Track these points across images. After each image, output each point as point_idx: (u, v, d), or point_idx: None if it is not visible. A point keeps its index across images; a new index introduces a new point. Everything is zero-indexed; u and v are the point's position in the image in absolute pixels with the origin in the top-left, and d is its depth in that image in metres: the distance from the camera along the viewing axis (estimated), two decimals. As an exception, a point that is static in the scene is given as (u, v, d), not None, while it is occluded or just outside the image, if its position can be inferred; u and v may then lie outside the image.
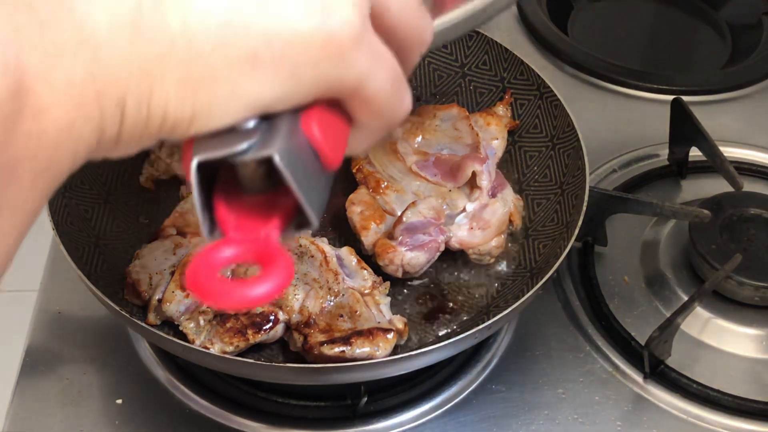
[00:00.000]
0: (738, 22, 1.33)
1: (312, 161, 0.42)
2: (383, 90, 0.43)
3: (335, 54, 0.40)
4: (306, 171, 0.42)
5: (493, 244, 0.89)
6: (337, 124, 0.44)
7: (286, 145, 0.40)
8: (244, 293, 0.40)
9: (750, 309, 0.92)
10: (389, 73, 0.43)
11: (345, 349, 0.76)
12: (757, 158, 1.10)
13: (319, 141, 0.42)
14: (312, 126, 0.42)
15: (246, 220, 0.43)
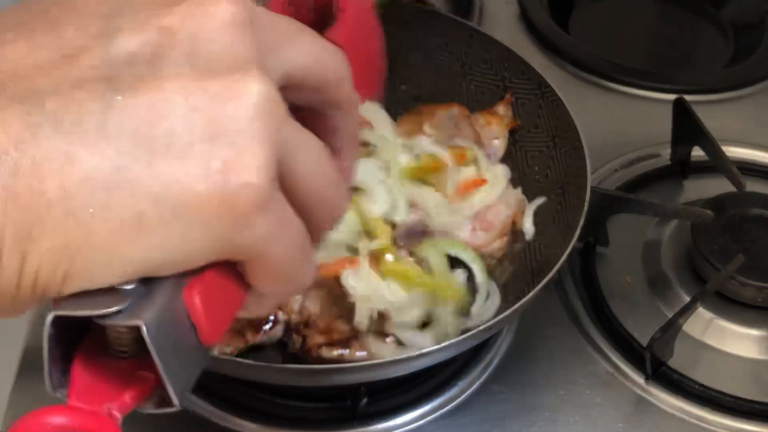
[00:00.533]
0: (741, 21, 1.33)
1: (187, 334, 0.39)
2: (285, 258, 0.39)
3: (234, 218, 0.36)
4: (177, 346, 0.38)
5: (496, 245, 0.89)
6: (226, 293, 0.40)
7: (159, 316, 0.36)
8: None
9: (753, 310, 0.92)
10: (293, 240, 0.39)
11: (344, 352, 0.76)
12: (760, 158, 1.09)
13: (199, 315, 0.38)
14: (194, 297, 0.38)
15: (98, 385, 0.39)
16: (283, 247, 0.39)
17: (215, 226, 0.36)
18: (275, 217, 0.38)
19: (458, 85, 1.03)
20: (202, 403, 0.83)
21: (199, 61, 0.37)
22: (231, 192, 0.36)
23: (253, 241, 0.38)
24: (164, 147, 0.35)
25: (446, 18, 1.03)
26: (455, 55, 1.03)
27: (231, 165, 0.36)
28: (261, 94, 0.37)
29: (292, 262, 0.40)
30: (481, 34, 1.01)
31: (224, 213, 0.36)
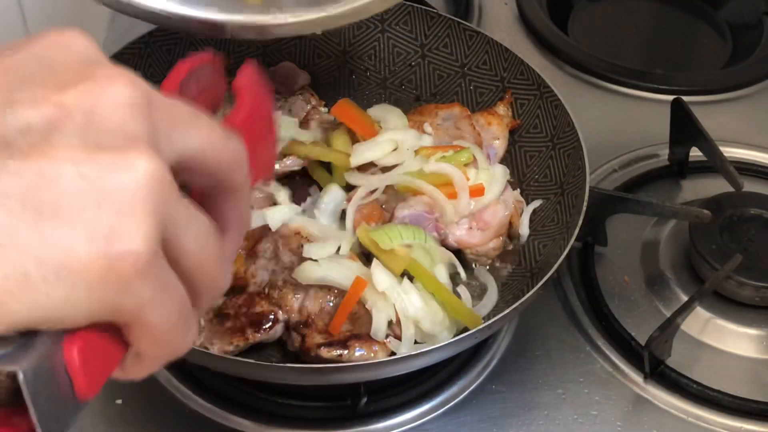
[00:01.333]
0: (738, 22, 1.33)
1: (64, 386, 0.40)
2: (165, 321, 0.41)
3: (115, 282, 0.38)
4: (53, 395, 0.39)
5: (491, 245, 0.89)
6: (106, 351, 0.42)
7: (38, 364, 0.38)
8: None
9: (750, 309, 0.92)
10: (172, 306, 0.41)
11: (342, 352, 0.76)
12: (757, 158, 1.10)
13: (77, 370, 0.40)
14: (73, 351, 0.40)
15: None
16: (162, 312, 0.41)
17: (97, 289, 0.38)
18: (156, 283, 0.40)
19: (458, 85, 1.04)
20: (203, 402, 0.83)
21: (92, 135, 0.39)
22: (114, 257, 0.38)
23: (133, 305, 0.40)
24: (52, 211, 0.37)
25: (446, 18, 1.04)
26: (455, 56, 1.03)
27: (115, 231, 0.38)
28: (147, 169, 0.39)
29: (171, 326, 0.42)
30: (480, 34, 1.02)
31: (107, 277, 0.38)
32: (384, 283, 0.79)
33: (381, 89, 1.06)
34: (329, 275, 0.80)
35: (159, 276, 0.40)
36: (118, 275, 0.38)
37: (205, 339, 0.78)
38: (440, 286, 0.81)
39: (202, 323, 0.80)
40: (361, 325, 0.80)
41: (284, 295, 0.81)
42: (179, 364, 0.85)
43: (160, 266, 0.40)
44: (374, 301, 0.79)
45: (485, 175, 0.90)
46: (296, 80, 1.03)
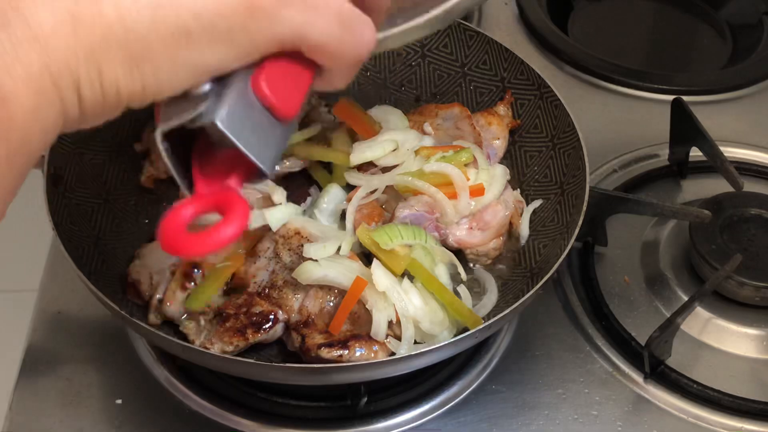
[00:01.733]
0: (738, 22, 1.33)
1: (264, 116, 0.47)
2: (329, 35, 0.46)
3: (262, 16, 0.44)
4: (255, 128, 0.46)
5: (492, 245, 0.89)
6: (294, 74, 0.48)
7: (232, 109, 0.45)
8: (212, 239, 0.45)
9: (750, 309, 0.92)
10: (330, 17, 0.46)
11: (343, 352, 0.76)
12: (757, 158, 1.10)
13: (269, 97, 0.46)
14: (261, 83, 0.46)
15: (215, 174, 0.48)
16: (322, 28, 0.46)
17: (251, 26, 0.44)
18: (303, 5, 0.45)
19: (458, 85, 1.04)
20: (203, 402, 0.83)
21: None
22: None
23: (290, 31, 0.45)
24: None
25: (445, 19, 1.03)
26: (455, 56, 1.03)
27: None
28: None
29: (337, 37, 0.46)
30: (480, 35, 1.02)
31: (252, 14, 0.43)
32: (384, 283, 0.79)
33: (381, 89, 1.06)
34: (329, 275, 0.80)
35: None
36: (262, 10, 0.44)
37: (205, 339, 0.78)
38: (440, 286, 0.81)
39: (202, 323, 0.80)
40: (361, 325, 0.80)
41: (284, 295, 0.81)
42: (179, 364, 0.85)
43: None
44: (374, 301, 0.79)
45: (485, 175, 0.90)
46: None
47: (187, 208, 0.47)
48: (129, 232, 0.90)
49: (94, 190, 0.90)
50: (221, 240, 0.46)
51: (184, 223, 0.47)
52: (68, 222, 0.84)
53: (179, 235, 0.46)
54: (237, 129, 0.45)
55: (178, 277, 0.82)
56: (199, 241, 0.46)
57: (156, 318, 0.82)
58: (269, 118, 0.47)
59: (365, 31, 0.48)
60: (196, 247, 0.46)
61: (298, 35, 0.45)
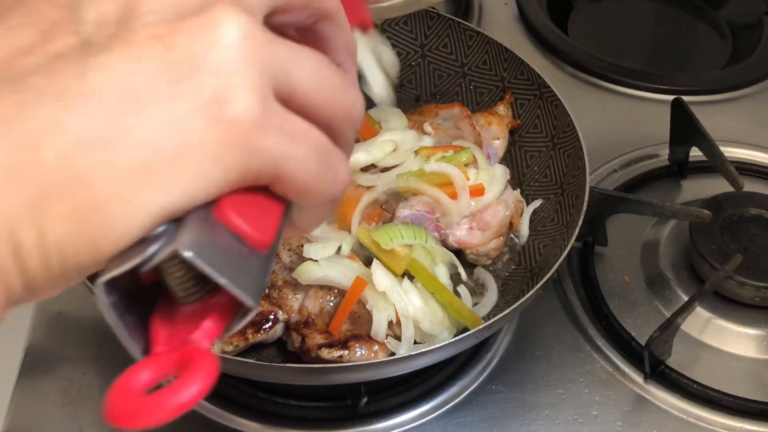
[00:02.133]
0: (738, 22, 1.33)
1: (235, 245, 0.39)
2: (305, 169, 0.39)
3: (238, 145, 0.36)
4: (228, 257, 0.38)
5: (492, 245, 0.89)
6: (262, 205, 0.40)
7: (196, 237, 0.37)
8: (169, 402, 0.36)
9: (750, 309, 0.92)
10: (309, 151, 0.39)
11: (343, 353, 0.76)
12: (757, 158, 1.10)
13: (236, 224, 0.39)
14: (225, 210, 0.38)
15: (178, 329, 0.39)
16: (299, 162, 0.39)
17: (223, 156, 0.36)
18: (280, 135, 0.38)
19: (458, 85, 1.04)
20: (203, 402, 0.83)
21: (168, 9, 0.37)
22: (227, 120, 0.36)
23: (264, 163, 0.38)
24: (149, 93, 0.36)
25: (446, 18, 1.04)
26: (455, 56, 1.03)
27: (220, 95, 0.36)
28: (234, 22, 0.37)
29: (313, 173, 0.40)
30: (480, 34, 1.02)
31: (228, 142, 0.36)
32: (384, 283, 0.79)
33: (381, 89, 1.06)
34: (329, 275, 0.80)
35: (281, 127, 0.38)
36: (238, 137, 0.36)
37: (205, 339, 0.78)
38: (440, 286, 0.81)
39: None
40: (362, 324, 0.80)
41: (284, 295, 0.81)
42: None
43: (278, 117, 0.38)
44: (374, 302, 0.79)
45: (485, 175, 0.90)
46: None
47: (143, 372, 0.38)
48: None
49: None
50: (181, 403, 0.36)
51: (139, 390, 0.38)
52: (68, 222, 0.83)
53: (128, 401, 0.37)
54: (206, 255, 0.37)
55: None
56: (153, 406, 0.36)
57: (156, 318, 0.82)
58: (241, 246, 0.39)
59: (341, 167, 0.41)
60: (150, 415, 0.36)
61: (275, 168, 0.38)
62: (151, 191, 0.36)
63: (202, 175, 0.36)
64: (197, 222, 0.37)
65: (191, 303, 0.40)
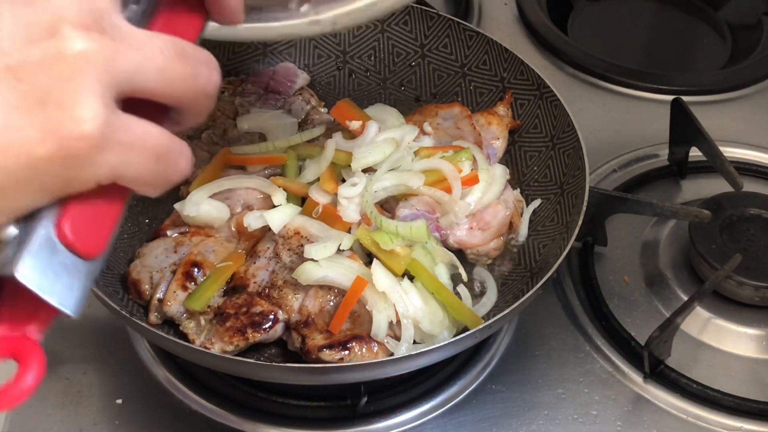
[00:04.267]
0: (738, 22, 1.33)
1: (68, 258, 0.46)
2: (146, 170, 0.45)
3: (77, 163, 0.42)
4: (59, 272, 0.45)
5: (492, 245, 0.89)
6: (101, 210, 0.47)
7: (33, 257, 0.44)
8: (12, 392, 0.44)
9: (750, 309, 0.92)
10: (148, 154, 0.45)
11: (343, 354, 0.76)
12: (757, 158, 1.10)
13: (72, 243, 0.45)
14: (64, 229, 0.45)
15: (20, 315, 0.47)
16: (138, 165, 0.45)
17: (66, 173, 0.43)
18: (119, 148, 0.44)
19: (458, 85, 1.04)
20: (203, 402, 0.83)
21: (20, 33, 0.42)
22: (69, 146, 0.42)
23: (106, 173, 0.44)
24: (2, 123, 0.41)
25: (446, 19, 1.04)
26: (455, 56, 1.03)
27: (63, 123, 0.42)
28: (76, 47, 0.42)
29: (152, 170, 0.46)
30: (480, 35, 1.02)
31: (70, 161, 0.42)
32: (384, 283, 0.79)
33: (381, 89, 1.06)
34: (329, 275, 0.80)
35: (121, 141, 0.44)
36: (80, 158, 0.42)
37: (205, 339, 0.78)
38: (441, 286, 0.81)
39: (203, 323, 0.80)
40: (362, 324, 0.80)
41: (284, 295, 0.81)
42: (179, 364, 0.85)
43: (118, 130, 0.44)
44: (374, 302, 0.79)
45: (485, 175, 0.90)
46: (296, 80, 1.03)
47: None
48: (129, 232, 0.90)
49: (94, 190, 0.90)
50: (22, 391, 0.45)
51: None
52: (68, 222, 0.83)
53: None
54: (38, 279, 0.44)
55: (178, 276, 0.82)
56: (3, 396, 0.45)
57: (156, 318, 0.82)
58: (74, 259, 0.46)
59: (181, 161, 0.47)
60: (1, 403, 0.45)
61: (114, 175, 0.45)
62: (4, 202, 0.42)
63: (48, 188, 0.43)
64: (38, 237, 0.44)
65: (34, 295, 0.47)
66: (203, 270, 0.82)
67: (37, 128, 0.41)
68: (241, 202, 0.89)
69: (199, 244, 0.85)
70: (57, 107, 0.41)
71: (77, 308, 0.46)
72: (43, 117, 0.41)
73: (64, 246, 0.46)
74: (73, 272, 0.46)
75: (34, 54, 0.42)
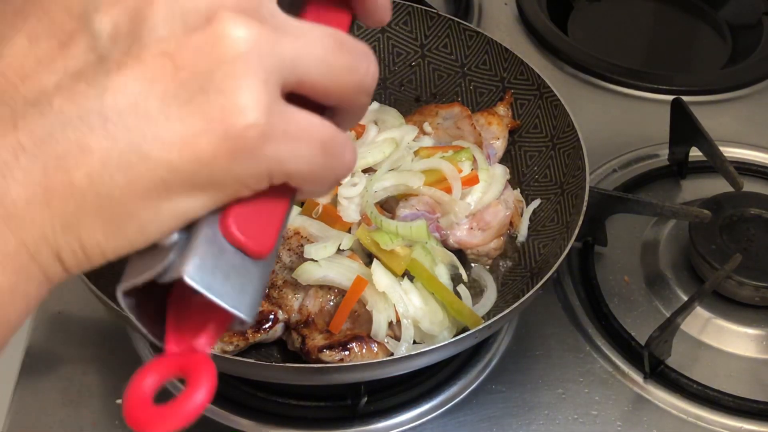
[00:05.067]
0: (738, 22, 1.33)
1: (237, 259, 0.43)
2: (314, 164, 0.42)
3: (246, 157, 0.39)
4: (229, 274, 0.42)
5: (492, 246, 0.89)
6: (268, 206, 0.44)
7: (201, 259, 0.41)
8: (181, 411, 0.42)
9: (750, 309, 0.92)
10: (315, 146, 0.42)
11: (343, 355, 0.76)
12: (757, 158, 1.10)
13: (240, 240, 0.42)
14: (230, 227, 0.42)
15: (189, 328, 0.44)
16: (305, 159, 0.42)
17: (233, 168, 0.40)
18: (286, 138, 0.41)
19: (458, 85, 1.04)
20: (203, 402, 0.83)
21: (176, 20, 0.39)
22: (235, 136, 0.39)
23: (272, 167, 0.41)
24: (163, 114, 0.38)
25: (446, 19, 1.04)
26: (455, 56, 1.03)
27: (227, 111, 0.38)
28: (236, 33, 0.39)
29: (320, 163, 0.43)
30: (480, 35, 1.02)
31: (237, 155, 0.39)
32: (384, 283, 0.79)
33: (381, 89, 1.06)
34: (329, 275, 0.80)
35: (286, 131, 0.40)
36: (246, 149, 0.39)
37: (206, 339, 0.78)
38: (440, 286, 0.81)
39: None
40: (362, 324, 0.80)
41: (284, 295, 0.81)
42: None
43: (284, 120, 0.40)
44: (374, 302, 0.79)
45: (485, 175, 0.90)
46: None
47: (151, 377, 0.44)
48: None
49: (94, 190, 0.90)
50: (191, 411, 0.42)
51: (150, 394, 0.43)
52: (68, 222, 0.83)
53: (145, 409, 0.42)
54: (207, 280, 0.41)
55: (178, 277, 0.82)
56: (168, 416, 0.42)
57: (156, 318, 0.82)
58: (243, 259, 0.43)
59: (347, 153, 0.44)
60: (166, 424, 0.42)
61: (283, 170, 0.41)
62: (173, 202, 0.40)
63: (216, 185, 0.40)
64: (204, 238, 0.41)
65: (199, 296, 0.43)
66: (203, 270, 0.82)
67: (200, 117, 0.38)
68: (241, 202, 0.89)
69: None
70: (220, 93, 0.38)
71: (250, 311, 0.43)
72: (205, 105, 0.38)
73: (232, 245, 0.42)
74: (243, 273, 0.43)
75: (193, 40, 0.39)
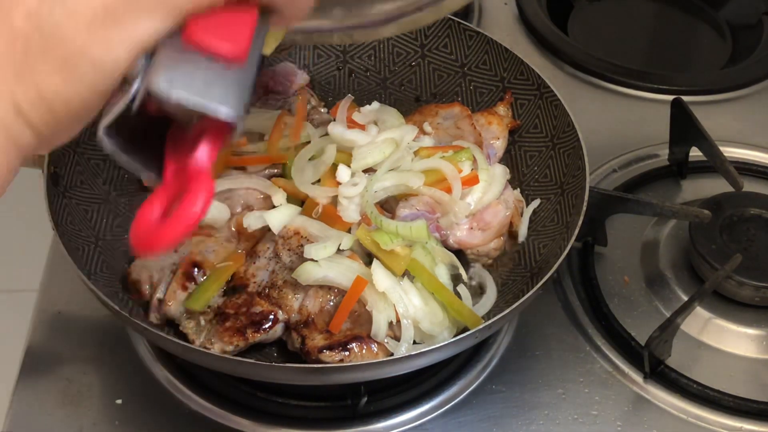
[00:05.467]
0: (738, 22, 1.33)
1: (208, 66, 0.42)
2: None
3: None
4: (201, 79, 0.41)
5: (492, 246, 0.89)
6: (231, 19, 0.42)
7: (164, 71, 0.40)
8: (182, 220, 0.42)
9: (750, 309, 0.92)
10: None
11: (343, 355, 0.76)
12: (757, 158, 1.10)
13: (205, 42, 0.41)
14: (193, 33, 0.41)
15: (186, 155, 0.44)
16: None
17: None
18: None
19: (458, 85, 1.04)
20: (203, 402, 0.83)
21: None
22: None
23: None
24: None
25: (446, 19, 1.04)
26: (455, 56, 1.03)
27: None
28: None
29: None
30: (480, 35, 1.02)
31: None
32: (384, 283, 0.79)
33: (381, 89, 1.06)
34: (329, 275, 0.80)
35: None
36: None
37: (205, 339, 0.78)
38: (440, 286, 0.81)
39: (202, 323, 0.80)
40: (362, 324, 0.80)
41: (284, 295, 0.81)
42: (179, 364, 0.85)
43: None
44: (374, 302, 0.79)
45: (485, 175, 0.90)
46: (296, 80, 1.03)
47: (154, 205, 0.44)
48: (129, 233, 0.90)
49: (94, 190, 0.90)
50: (192, 218, 0.42)
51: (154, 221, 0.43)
52: (68, 222, 0.84)
53: (150, 232, 0.43)
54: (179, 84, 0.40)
55: (178, 276, 0.82)
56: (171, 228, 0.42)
57: (156, 318, 0.82)
58: (216, 65, 0.41)
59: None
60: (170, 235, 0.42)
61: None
62: (122, 29, 0.39)
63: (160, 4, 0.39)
64: (167, 53, 0.41)
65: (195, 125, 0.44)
66: (203, 270, 0.82)
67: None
68: (241, 202, 0.89)
69: (199, 244, 0.85)
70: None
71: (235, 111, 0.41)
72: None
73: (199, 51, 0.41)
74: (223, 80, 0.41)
75: None
